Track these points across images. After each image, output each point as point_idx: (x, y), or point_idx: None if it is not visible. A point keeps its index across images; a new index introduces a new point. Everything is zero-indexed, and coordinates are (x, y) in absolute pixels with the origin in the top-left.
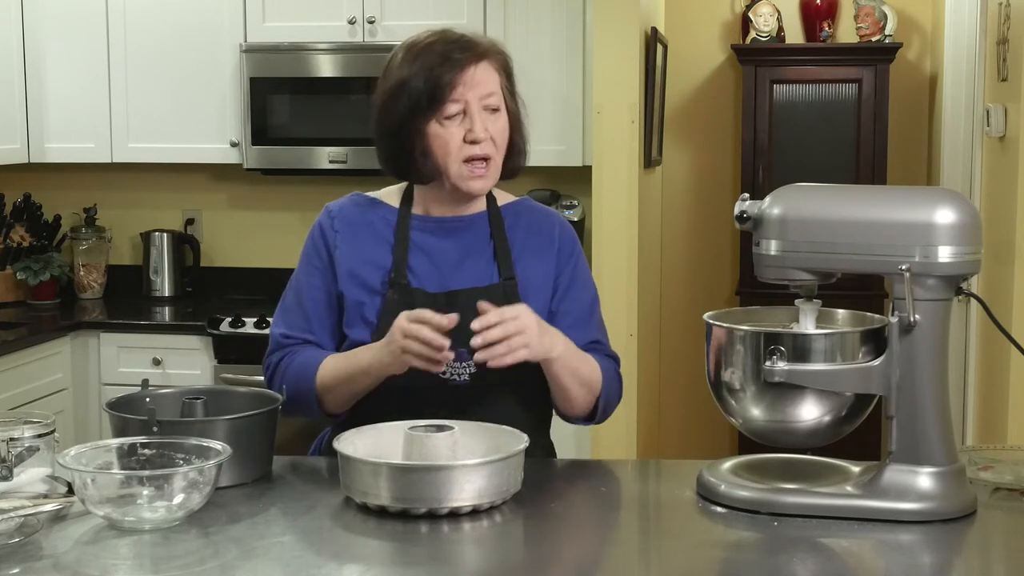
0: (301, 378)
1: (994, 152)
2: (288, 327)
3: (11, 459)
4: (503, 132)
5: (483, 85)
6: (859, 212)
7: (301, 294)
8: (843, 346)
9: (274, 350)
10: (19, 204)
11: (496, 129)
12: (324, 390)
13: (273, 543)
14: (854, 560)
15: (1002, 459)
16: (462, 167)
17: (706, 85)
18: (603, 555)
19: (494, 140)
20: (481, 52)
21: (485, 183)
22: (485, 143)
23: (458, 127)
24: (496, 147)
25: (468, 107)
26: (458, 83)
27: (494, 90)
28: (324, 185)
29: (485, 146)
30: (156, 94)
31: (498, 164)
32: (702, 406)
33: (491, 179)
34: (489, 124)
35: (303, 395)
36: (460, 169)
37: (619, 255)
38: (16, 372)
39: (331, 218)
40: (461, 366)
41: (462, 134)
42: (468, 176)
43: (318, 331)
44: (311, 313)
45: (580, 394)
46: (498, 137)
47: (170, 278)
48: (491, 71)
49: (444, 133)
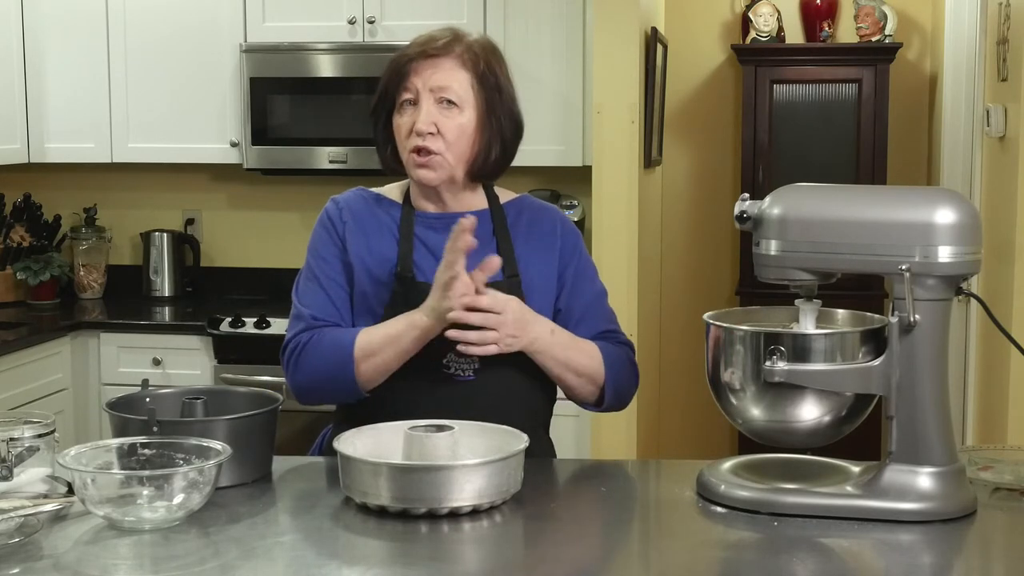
0: (337, 346)
1: (994, 152)
2: (318, 310)
3: (11, 459)
4: (460, 129)
5: (439, 78)
6: (859, 212)
7: (319, 280)
8: (843, 346)
9: (304, 329)
10: (19, 204)
11: (449, 124)
12: (365, 355)
13: (273, 543)
14: (854, 560)
15: (1002, 459)
16: (410, 156)
17: (706, 85)
18: (603, 555)
19: (443, 135)
20: (444, 47)
21: (431, 174)
22: (431, 137)
23: (409, 116)
24: (446, 142)
25: (418, 97)
26: (411, 72)
27: (450, 85)
28: (324, 185)
29: (430, 139)
30: (156, 94)
31: (450, 160)
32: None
33: (440, 171)
34: (440, 118)
35: (340, 367)
36: (409, 158)
37: (619, 255)
38: (16, 372)
39: (339, 209)
40: (466, 361)
41: (411, 124)
42: (414, 165)
43: (345, 318)
44: (336, 300)
45: (577, 383)
46: (449, 132)
47: (170, 278)
48: (454, 67)
49: (399, 122)
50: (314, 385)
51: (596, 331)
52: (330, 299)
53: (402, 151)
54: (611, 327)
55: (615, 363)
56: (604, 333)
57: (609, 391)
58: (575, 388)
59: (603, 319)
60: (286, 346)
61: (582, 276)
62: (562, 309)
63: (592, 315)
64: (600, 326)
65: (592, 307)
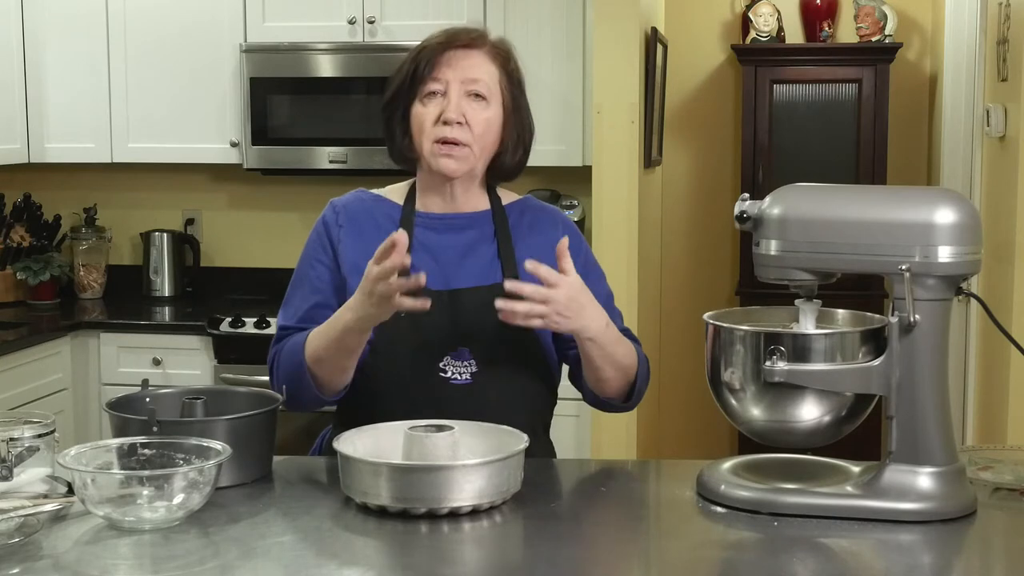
0: (293, 359)
1: (994, 152)
2: (288, 319)
3: (11, 459)
4: (487, 123)
5: (469, 70)
6: (859, 212)
7: (302, 286)
8: (843, 346)
9: (274, 343)
10: (19, 204)
11: (478, 117)
12: (315, 362)
13: (273, 543)
14: (854, 560)
15: (1002, 459)
16: (433, 146)
17: (706, 85)
18: (603, 555)
19: (471, 127)
20: (474, 40)
21: (455, 164)
22: (459, 127)
23: (435, 106)
24: (473, 135)
25: (448, 88)
26: (441, 63)
27: (482, 78)
28: (324, 185)
29: (457, 129)
30: (156, 94)
31: (475, 152)
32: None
33: (464, 163)
34: (469, 110)
35: (298, 377)
36: (432, 147)
37: (619, 255)
38: (16, 372)
39: (335, 213)
40: (462, 365)
41: (437, 113)
42: (437, 154)
43: (319, 320)
44: (312, 304)
45: (614, 376)
46: (478, 126)
47: (170, 278)
48: (484, 61)
49: (422, 111)
50: (291, 394)
51: None
52: (304, 303)
53: (424, 141)
54: (624, 327)
55: (642, 362)
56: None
57: (638, 389)
58: (610, 381)
59: (617, 319)
60: (267, 364)
61: (589, 276)
62: None
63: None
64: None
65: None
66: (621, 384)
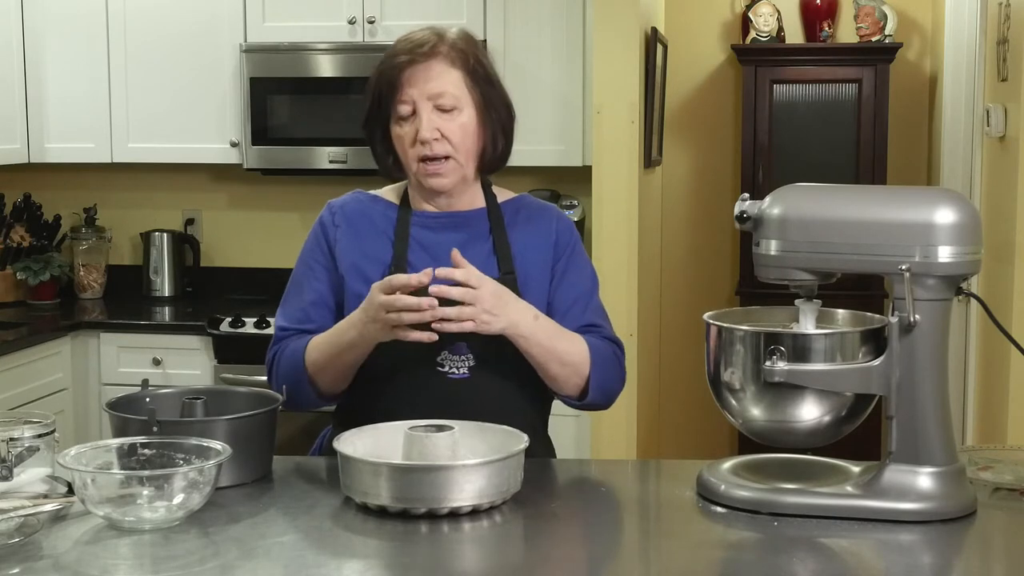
0: (293, 365)
1: (994, 152)
2: (286, 319)
3: (11, 459)
4: (463, 129)
5: (432, 84)
6: (859, 212)
7: (300, 287)
8: (843, 346)
9: (272, 344)
10: (19, 204)
11: (451, 128)
12: (316, 370)
13: (273, 543)
14: (854, 560)
15: (1002, 459)
16: (419, 166)
17: (706, 85)
18: (603, 555)
19: (449, 139)
20: (429, 51)
21: (444, 180)
22: (437, 143)
23: (410, 126)
24: (453, 145)
25: (416, 106)
26: (403, 83)
27: (446, 89)
28: (324, 185)
29: (436, 145)
30: (156, 94)
31: (460, 161)
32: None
33: (453, 174)
34: (442, 123)
35: (297, 381)
36: (418, 167)
37: (619, 255)
38: (16, 372)
39: (332, 214)
40: (460, 359)
41: (413, 134)
42: (424, 174)
43: (317, 321)
44: (309, 304)
45: (561, 373)
46: (454, 135)
47: (170, 278)
48: (445, 69)
49: (400, 133)
50: (291, 396)
51: (580, 324)
52: (302, 304)
53: (409, 161)
54: (597, 322)
55: (601, 357)
56: (589, 327)
57: (594, 385)
58: (559, 379)
59: (590, 313)
60: (266, 365)
61: (572, 270)
62: (550, 301)
63: (579, 308)
64: (586, 319)
65: (579, 301)
66: (574, 381)
